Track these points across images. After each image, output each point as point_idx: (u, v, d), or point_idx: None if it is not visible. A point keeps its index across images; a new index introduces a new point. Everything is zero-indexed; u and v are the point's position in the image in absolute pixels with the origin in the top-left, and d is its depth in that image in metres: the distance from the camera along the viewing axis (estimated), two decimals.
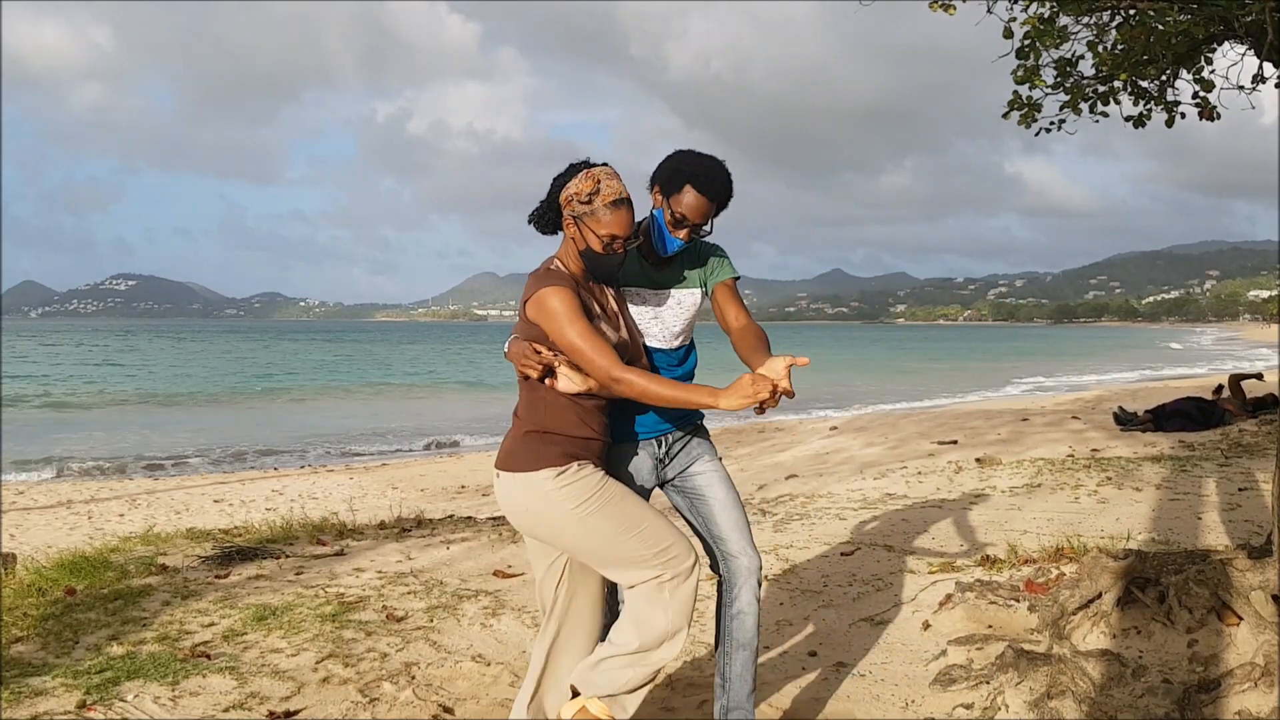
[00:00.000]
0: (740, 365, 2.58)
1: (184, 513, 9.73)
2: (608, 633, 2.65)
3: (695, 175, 2.58)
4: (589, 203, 2.48)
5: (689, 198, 2.57)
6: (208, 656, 3.76)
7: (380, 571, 5.12)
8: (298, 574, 5.05)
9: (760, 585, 2.77)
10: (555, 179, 2.57)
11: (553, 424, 2.52)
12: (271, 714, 3.31)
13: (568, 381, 2.49)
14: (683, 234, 2.62)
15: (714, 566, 2.81)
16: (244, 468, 14.48)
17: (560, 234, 2.62)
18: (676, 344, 2.78)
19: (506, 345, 2.63)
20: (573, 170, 2.54)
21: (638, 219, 2.61)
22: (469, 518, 7.11)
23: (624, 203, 2.50)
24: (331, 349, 72.55)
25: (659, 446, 2.76)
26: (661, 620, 2.51)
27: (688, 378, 2.81)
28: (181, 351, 66.20)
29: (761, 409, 2.35)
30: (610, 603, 2.77)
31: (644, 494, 2.76)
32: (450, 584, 4.88)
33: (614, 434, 2.67)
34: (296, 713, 3.33)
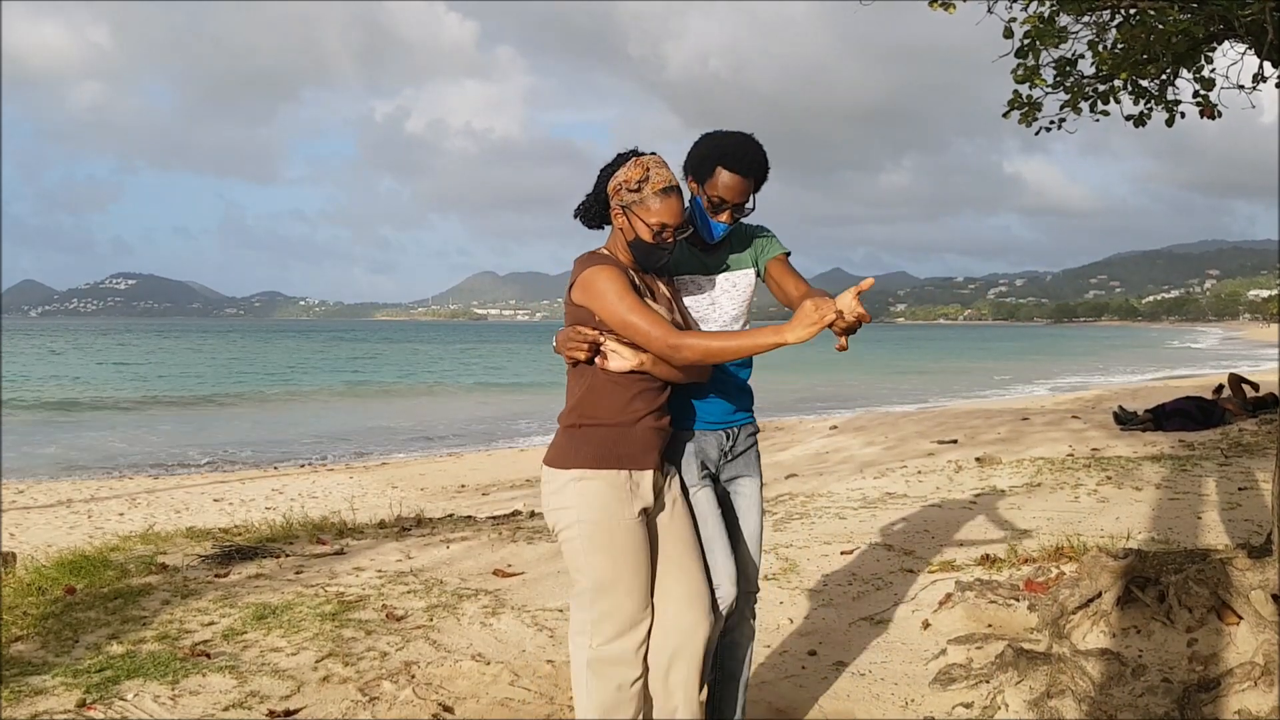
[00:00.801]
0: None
1: (184, 512, 9.73)
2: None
3: (725, 155, 2.52)
4: (638, 190, 2.41)
5: (724, 179, 2.51)
6: (207, 655, 3.76)
7: (380, 571, 5.12)
8: (297, 573, 5.05)
9: (754, 615, 2.78)
10: (603, 170, 2.51)
11: (593, 411, 2.45)
12: (271, 713, 3.31)
13: (618, 358, 2.41)
14: (724, 216, 2.56)
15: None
16: (286, 461, 14.47)
17: (606, 229, 2.56)
18: (737, 327, 2.72)
19: (554, 338, 2.56)
20: (620, 160, 2.48)
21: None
22: (469, 517, 7.11)
23: (674, 190, 2.43)
24: (350, 349, 72.27)
25: (727, 439, 2.71)
26: (582, 704, 2.47)
27: (749, 363, 2.76)
28: (201, 351, 66.17)
29: (840, 336, 2.17)
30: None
31: (711, 476, 2.69)
32: (450, 583, 4.88)
33: (681, 421, 2.61)
34: (296, 712, 3.33)
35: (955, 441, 11.11)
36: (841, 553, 5.28)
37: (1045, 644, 3.37)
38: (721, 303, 2.71)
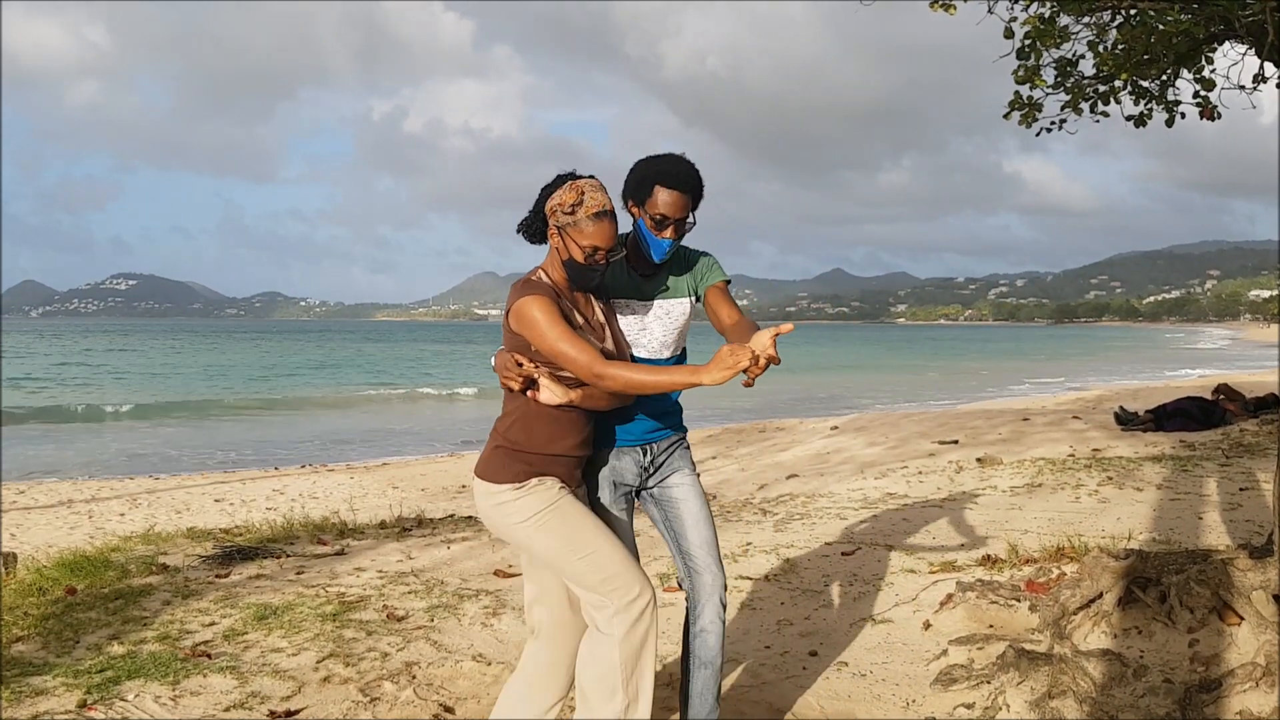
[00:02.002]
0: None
1: (184, 512, 9.73)
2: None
3: (661, 174, 2.61)
4: (572, 214, 2.50)
5: (662, 196, 2.59)
6: (208, 656, 3.77)
7: (381, 571, 5.12)
8: (298, 573, 5.06)
9: (724, 604, 2.78)
10: (543, 189, 2.60)
11: (523, 440, 2.58)
12: (272, 713, 3.31)
13: (549, 393, 2.53)
14: (669, 233, 2.62)
15: (680, 582, 2.83)
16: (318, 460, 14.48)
17: (547, 244, 2.65)
18: (667, 354, 2.79)
19: (493, 357, 2.66)
20: (560, 181, 2.57)
21: (621, 233, 2.63)
22: (470, 517, 7.11)
23: (607, 215, 2.52)
24: (378, 349, 72.12)
25: (644, 455, 2.78)
26: (610, 674, 2.54)
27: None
28: (223, 350, 66.05)
29: (749, 380, 2.29)
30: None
31: (627, 499, 2.78)
32: (451, 583, 4.88)
33: (601, 440, 2.71)
34: (297, 712, 3.33)
35: (956, 442, 11.11)
36: (842, 553, 5.28)
37: (1046, 644, 3.37)
38: (652, 329, 2.77)
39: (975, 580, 4.21)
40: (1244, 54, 4.03)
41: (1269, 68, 4.06)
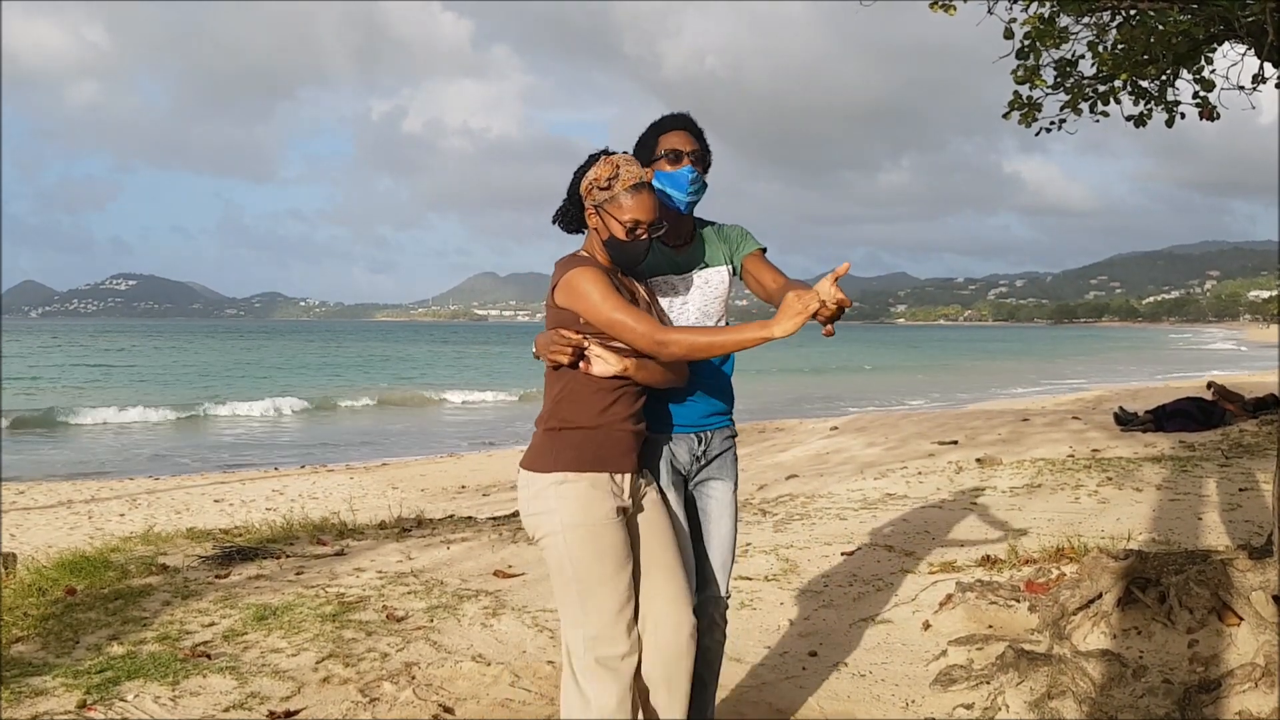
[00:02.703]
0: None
1: (184, 513, 9.73)
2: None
3: (659, 124, 2.62)
4: (609, 188, 2.42)
5: (668, 140, 2.60)
6: (208, 656, 3.76)
7: (380, 571, 5.12)
8: (298, 574, 5.05)
9: (725, 621, 2.76)
10: (576, 172, 2.52)
11: (573, 415, 2.45)
12: (272, 714, 3.31)
13: (601, 363, 2.40)
14: (685, 162, 2.58)
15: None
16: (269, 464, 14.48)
17: (584, 232, 2.56)
18: (710, 324, 2.72)
19: (535, 343, 2.56)
20: (591, 160, 2.50)
21: None
22: (469, 518, 7.12)
23: (645, 186, 2.43)
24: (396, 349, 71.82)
25: (699, 443, 2.71)
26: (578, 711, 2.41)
27: (730, 360, 2.76)
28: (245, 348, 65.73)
29: (826, 325, 2.18)
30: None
31: (684, 481, 2.71)
32: (451, 584, 4.88)
33: (656, 424, 2.61)
34: (297, 713, 3.33)
35: (956, 442, 11.11)
36: (842, 554, 5.28)
37: (1046, 645, 3.37)
38: (695, 300, 2.71)
39: (975, 581, 4.21)
40: (1243, 54, 4.03)
41: (1268, 68, 4.06)
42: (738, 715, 3.34)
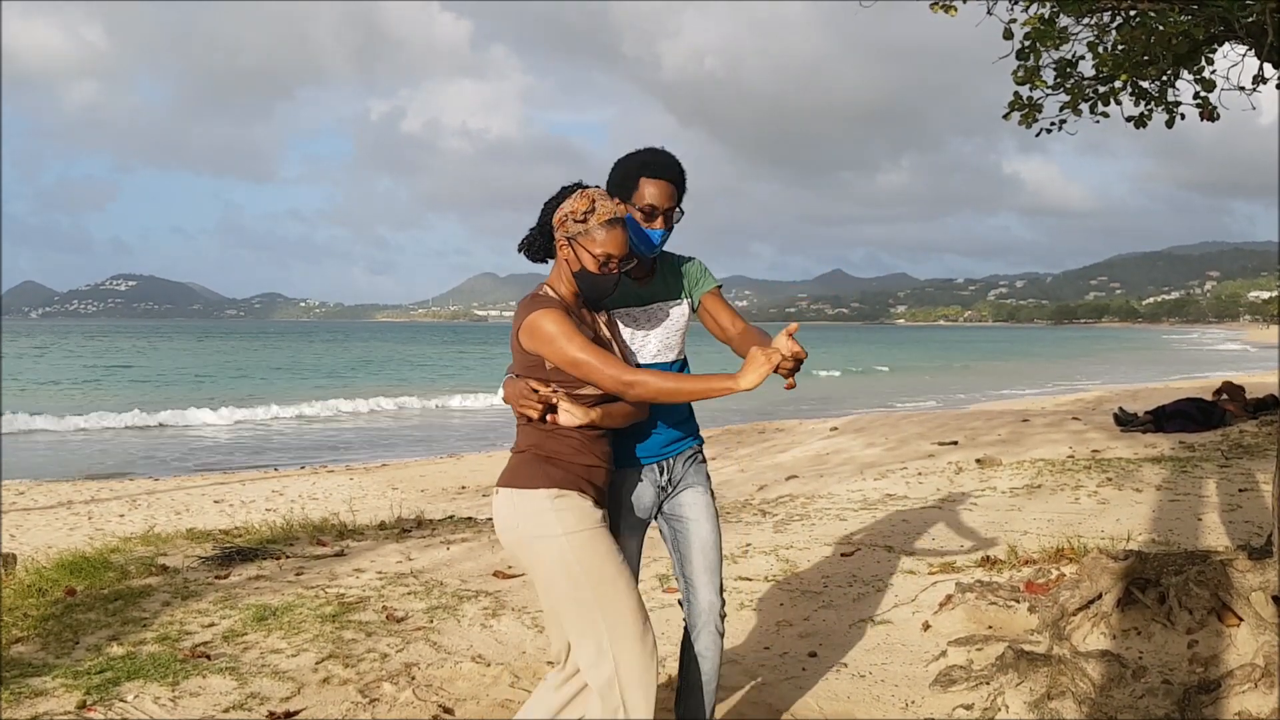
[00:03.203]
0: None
1: (184, 513, 9.73)
2: None
3: (644, 166, 2.61)
4: (584, 221, 2.45)
5: (648, 188, 2.60)
6: (208, 657, 3.77)
7: (380, 572, 5.12)
8: (298, 574, 5.05)
9: (721, 631, 2.76)
10: (546, 204, 2.55)
11: (555, 449, 2.48)
12: (272, 714, 3.31)
13: (569, 415, 2.45)
14: (659, 223, 2.62)
15: (681, 601, 2.81)
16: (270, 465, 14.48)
17: (549, 262, 2.60)
18: (672, 357, 2.77)
19: (501, 388, 2.59)
20: (564, 193, 2.53)
21: None
22: (469, 518, 7.11)
23: (619, 222, 2.47)
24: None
25: (661, 473, 2.73)
26: None
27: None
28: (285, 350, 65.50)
29: (789, 377, 2.28)
30: None
31: (643, 524, 2.74)
32: (450, 585, 4.88)
33: (618, 459, 2.64)
34: (297, 713, 3.33)
35: (955, 443, 11.11)
36: (842, 554, 5.28)
37: (1046, 645, 3.37)
38: (655, 333, 2.75)
39: (974, 581, 4.21)
40: (1244, 55, 4.03)
41: (1269, 69, 4.05)
42: (738, 715, 3.34)
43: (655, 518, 2.80)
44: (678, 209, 2.66)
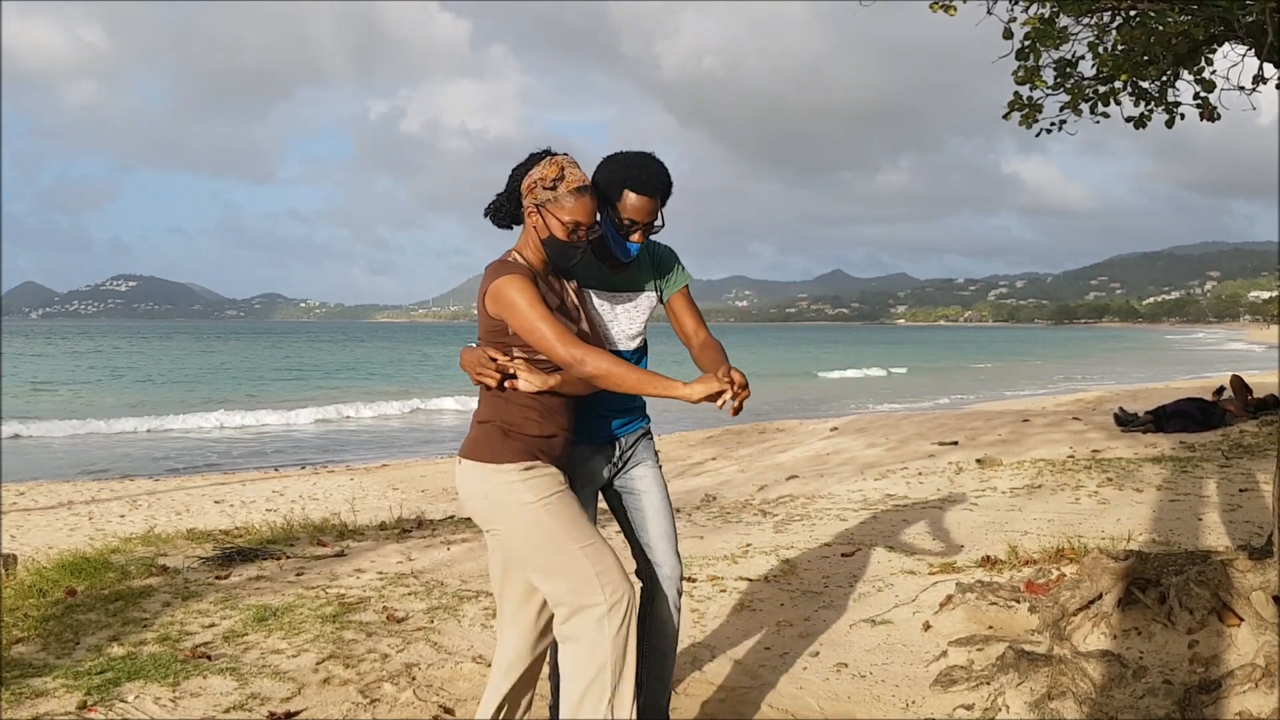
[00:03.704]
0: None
1: (184, 513, 9.73)
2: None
3: (630, 178, 2.60)
4: (553, 189, 2.47)
5: (631, 200, 2.60)
6: (208, 657, 3.77)
7: (381, 572, 5.12)
8: (298, 575, 5.06)
9: (680, 594, 2.81)
10: (514, 170, 2.57)
11: (519, 423, 2.51)
12: (272, 715, 3.31)
13: (527, 383, 2.49)
14: (636, 237, 2.64)
15: (638, 572, 2.84)
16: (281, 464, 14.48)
17: (516, 228, 2.62)
18: (633, 345, 2.82)
19: (460, 356, 2.61)
20: (533, 159, 2.54)
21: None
22: (469, 519, 7.12)
23: (587, 189, 2.50)
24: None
25: (614, 451, 2.81)
26: (601, 678, 2.43)
27: (644, 357, 2.87)
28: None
29: (737, 406, 2.34)
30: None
31: (593, 497, 2.80)
32: (451, 585, 4.88)
33: (575, 435, 2.68)
34: (297, 713, 3.33)
35: (956, 443, 11.11)
36: (842, 554, 5.28)
37: (1046, 646, 3.37)
38: (621, 320, 2.79)
39: (975, 581, 4.21)
40: (1244, 55, 4.03)
41: (1269, 69, 4.06)
42: (738, 715, 3.34)
43: (605, 490, 2.85)
44: (657, 221, 2.67)
